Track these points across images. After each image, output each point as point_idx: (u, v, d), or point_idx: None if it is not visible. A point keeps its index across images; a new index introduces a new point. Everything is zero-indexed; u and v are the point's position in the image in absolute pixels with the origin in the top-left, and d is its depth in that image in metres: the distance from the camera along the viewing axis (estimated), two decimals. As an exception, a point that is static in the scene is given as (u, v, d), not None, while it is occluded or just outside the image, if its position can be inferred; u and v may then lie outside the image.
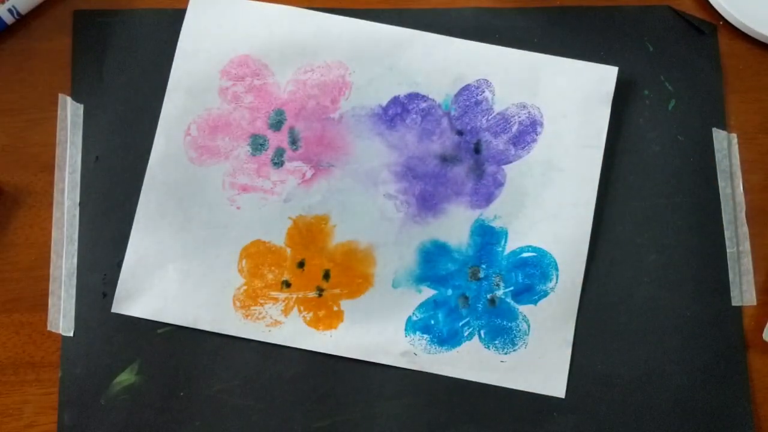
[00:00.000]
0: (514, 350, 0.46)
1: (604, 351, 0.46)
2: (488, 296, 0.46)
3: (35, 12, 0.49)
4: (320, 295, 0.46)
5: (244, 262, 0.46)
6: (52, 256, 0.46)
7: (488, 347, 0.46)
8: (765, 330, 0.46)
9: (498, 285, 0.46)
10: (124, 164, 0.47)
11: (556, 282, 0.47)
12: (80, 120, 0.48)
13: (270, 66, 0.48)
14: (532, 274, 0.47)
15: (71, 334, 0.46)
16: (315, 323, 0.46)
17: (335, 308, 0.46)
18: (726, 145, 0.49)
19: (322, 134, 0.47)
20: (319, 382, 0.46)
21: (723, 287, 0.47)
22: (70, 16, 0.49)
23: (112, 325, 0.46)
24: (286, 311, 0.46)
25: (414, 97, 0.48)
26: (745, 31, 0.50)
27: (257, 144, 0.47)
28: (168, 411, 0.45)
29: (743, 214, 0.48)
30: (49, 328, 0.46)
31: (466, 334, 0.46)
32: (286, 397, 0.46)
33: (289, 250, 0.46)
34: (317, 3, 0.50)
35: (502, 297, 0.46)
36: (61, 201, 0.47)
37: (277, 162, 0.47)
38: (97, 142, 0.48)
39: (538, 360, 0.46)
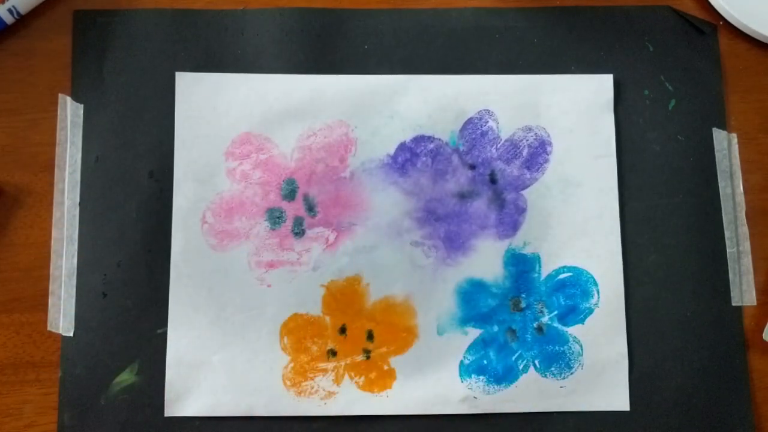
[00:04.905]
0: (571, 373, 0.46)
1: (604, 351, 0.47)
2: (534, 325, 0.46)
3: (35, 12, 0.49)
4: (368, 358, 0.46)
5: (285, 339, 0.46)
6: (52, 256, 0.46)
7: (545, 376, 0.46)
8: (765, 330, 0.46)
9: (542, 312, 0.46)
10: (124, 164, 0.47)
11: (599, 297, 0.46)
12: (80, 120, 0.48)
13: (272, 138, 0.47)
14: (573, 294, 0.47)
15: (71, 334, 0.46)
16: (369, 386, 0.45)
17: (385, 367, 0.45)
18: (726, 145, 0.49)
19: (337, 195, 0.47)
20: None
21: (723, 287, 0.47)
22: (70, 16, 0.49)
23: (112, 325, 0.46)
24: (337, 380, 0.45)
25: (420, 139, 0.48)
26: (745, 31, 0.50)
27: (274, 217, 0.46)
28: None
29: (743, 214, 0.48)
30: (49, 328, 0.46)
31: (521, 367, 0.46)
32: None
33: (327, 318, 0.46)
34: (318, 3, 0.50)
35: (549, 323, 0.46)
36: (61, 201, 0.47)
37: (298, 232, 0.46)
38: (97, 142, 0.48)
39: (597, 378, 0.46)
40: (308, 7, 0.50)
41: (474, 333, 0.46)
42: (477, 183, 0.47)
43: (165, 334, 0.46)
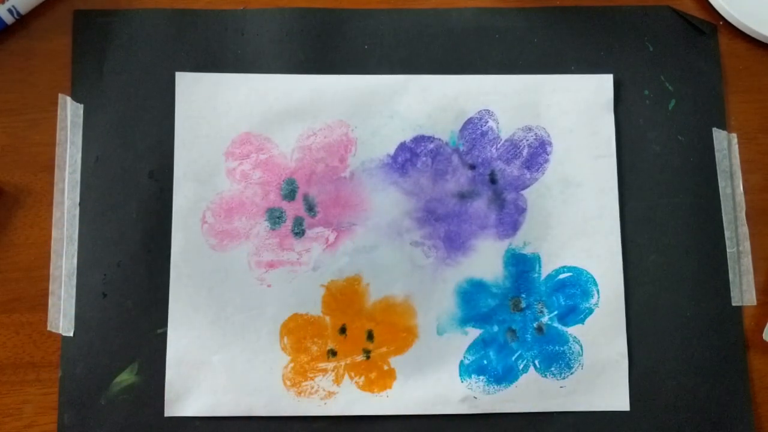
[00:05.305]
0: (571, 373, 0.46)
1: (604, 351, 0.47)
2: (534, 325, 0.46)
3: (35, 12, 0.49)
4: (368, 358, 0.46)
5: (285, 339, 0.46)
6: (52, 256, 0.46)
7: (545, 376, 0.46)
8: (765, 330, 0.46)
9: (542, 312, 0.46)
10: (124, 164, 0.47)
11: (599, 297, 0.46)
12: (80, 120, 0.48)
13: (272, 138, 0.47)
14: (573, 294, 0.47)
15: (71, 334, 0.46)
16: (369, 386, 0.45)
17: (385, 367, 0.45)
18: (726, 145, 0.49)
19: (337, 195, 0.47)
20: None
21: (723, 287, 0.47)
22: (70, 16, 0.49)
23: (112, 325, 0.46)
24: (337, 380, 0.45)
25: (420, 139, 0.48)
26: (745, 31, 0.50)
27: (274, 217, 0.46)
28: (168, 411, 0.45)
29: (743, 214, 0.48)
30: (49, 328, 0.46)
31: (521, 367, 0.46)
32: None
33: (327, 318, 0.46)
34: (318, 3, 0.50)
35: (549, 323, 0.46)
36: (61, 201, 0.47)
37: (298, 232, 0.46)
38: (97, 142, 0.48)
39: (597, 378, 0.46)
40: (308, 7, 0.50)
41: (474, 333, 0.46)
42: (477, 183, 0.47)
43: (165, 334, 0.46)
